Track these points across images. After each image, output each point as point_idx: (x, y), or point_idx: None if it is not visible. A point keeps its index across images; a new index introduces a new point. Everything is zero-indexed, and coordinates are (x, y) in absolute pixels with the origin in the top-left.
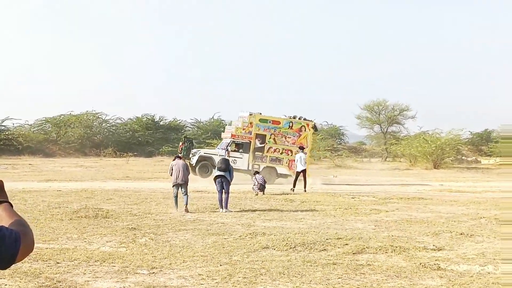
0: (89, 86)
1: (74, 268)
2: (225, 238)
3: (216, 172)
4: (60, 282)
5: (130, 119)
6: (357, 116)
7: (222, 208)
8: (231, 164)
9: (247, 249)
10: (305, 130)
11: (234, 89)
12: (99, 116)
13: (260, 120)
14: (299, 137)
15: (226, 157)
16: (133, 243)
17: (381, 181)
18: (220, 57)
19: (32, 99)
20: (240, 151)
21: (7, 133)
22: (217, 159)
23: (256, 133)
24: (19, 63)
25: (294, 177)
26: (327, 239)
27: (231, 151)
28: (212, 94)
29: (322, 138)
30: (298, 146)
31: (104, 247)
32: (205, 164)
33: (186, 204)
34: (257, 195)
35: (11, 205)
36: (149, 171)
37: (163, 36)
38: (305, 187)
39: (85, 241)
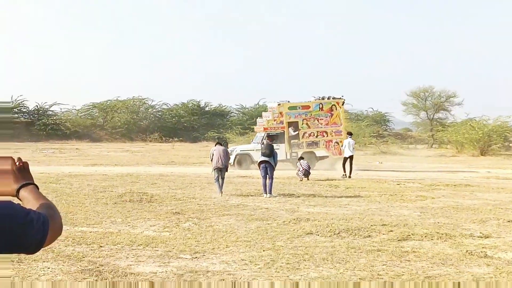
0: (135, 73)
1: (117, 252)
2: (268, 224)
3: (260, 158)
4: (102, 266)
5: (176, 104)
6: (403, 102)
7: (266, 193)
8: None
9: (291, 234)
10: (336, 109)
11: (275, 77)
12: (145, 102)
13: (290, 107)
14: (332, 116)
15: (270, 143)
16: (176, 228)
17: (427, 167)
18: (263, 47)
19: (80, 85)
20: (276, 142)
21: (55, 118)
22: (254, 154)
23: (288, 122)
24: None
25: (333, 158)
26: (371, 225)
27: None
28: (257, 82)
29: (368, 124)
30: (347, 132)
31: (147, 231)
32: (244, 158)
33: (221, 187)
34: (301, 180)
35: (37, 187)
36: (194, 156)
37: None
38: (350, 173)
39: (129, 225)
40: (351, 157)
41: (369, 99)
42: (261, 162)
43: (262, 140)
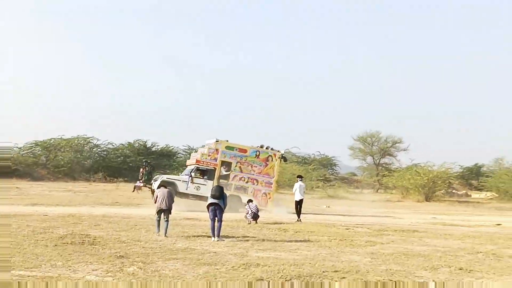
0: (83, 110)
1: None
2: (217, 269)
3: (209, 200)
4: None
5: (122, 144)
6: (350, 147)
7: (215, 236)
8: (195, 190)
9: (241, 280)
10: (272, 160)
11: (223, 117)
12: (90, 141)
13: (227, 147)
14: (266, 166)
15: (220, 185)
16: (120, 272)
17: (374, 212)
18: (211, 86)
19: (20, 122)
20: (204, 177)
21: None
22: (179, 184)
23: (222, 160)
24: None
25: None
26: (323, 271)
27: (195, 177)
28: (203, 122)
29: (314, 168)
30: (297, 175)
31: (89, 276)
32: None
33: (166, 230)
34: (249, 223)
35: None
36: (139, 197)
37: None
38: (299, 216)
39: (69, 269)
40: (301, 201)
41: (315, 142)
42: (210, 204)
43: (190, 173)
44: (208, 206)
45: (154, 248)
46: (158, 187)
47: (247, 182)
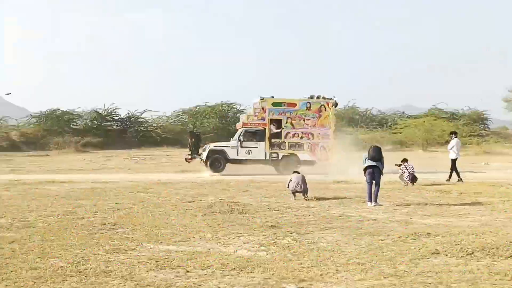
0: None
1: (207, 279)
2: (381, 240)
3: (367, 162)
4: None
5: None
6: (504, 98)
7: (371, 201)
8: (247, 154)
9: (413, 255)
10: (325, 110)
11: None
12: (234, 107)
13: (273, 104)
14: (320, 118)
15: (379, 145)
16: (274, 245)
17: None
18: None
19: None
20: (254, 140)
21: (146, 124)
22: (229, 151)
23: (271, 119)
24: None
25: (319, 163)
26: (511, 242)
27: (245, 140)
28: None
29: (465, 123)
30: (450, 131)
31: (241, 250)
32: (217, 158)
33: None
34: (406, 185)
35: None
36: None
37: None
38: (450, 177)
39: (219, 242)
40: (456, 159)
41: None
42: (368, 167)
43: (238, 137)
44: (365, 169)
45: (307, 215)
46: (208, 156)
47: (301, 138)
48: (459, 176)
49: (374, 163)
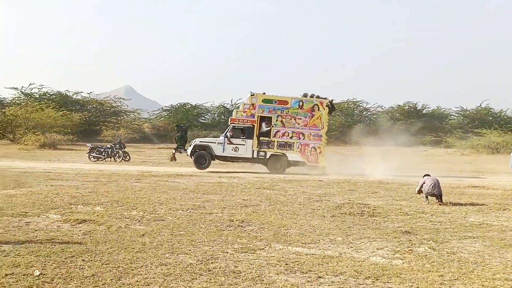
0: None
1: (340, 287)
2: None
3: None
4: None
5: (392, 107)
6: None
7: None
8: (233, 152)
9: None
10: (318, 110)
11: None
12: (360, 104)
13: (264, 100)
14: (312, 117)
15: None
16: (409, 253)
17: None
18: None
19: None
20: (242, 137)
21: None
22: (215, 147)
23: (260, 116)
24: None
25: (308, 164)
26: None
27: (232, 137)
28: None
29: None
30: None
31: (374, 257)
32: (202, 154)
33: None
34: None
35: None
36: (414, 162)
37: None
38: None
39: (351, 247)
40: None
41: None
42: None
43: (225, 133)
44: None
45: (442, 222)
46: (192, 152)
47: (291, 137)
48: None
49: None
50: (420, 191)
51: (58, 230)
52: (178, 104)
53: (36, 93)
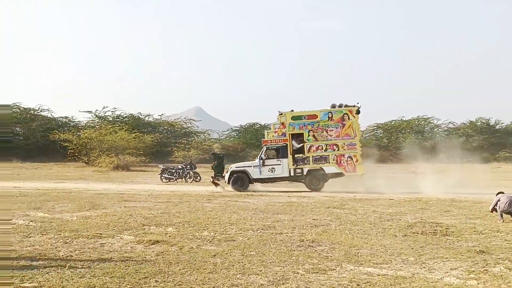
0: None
1: None
2: None
3: None
4: None
5: (463, 123)
6: None
7: None
8: (270, 173)
9: None
10: (348, 119)
11: None
12: (431, 121)
13: (293, 117)
14: (343, 127)
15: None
16: (485, 273)
17: None
18: None
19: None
20: (277, 157)
21: None
22: (251, 170)
23: (291, 133)
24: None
25: (346, 174)
26: None
27: (267, 158)
28: None
29: None
30: None
31: (448, 277)
32: (239, 177)
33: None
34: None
35: None
36: (485, 179)
37: None
38: None
39: (424, 267)
40: None
41: None
42: None
43: (260, 156)
44: None
45: None
46: (229, 178)
47: (325, 150)
48: None
49: None
50: (494, 209)
51: (132, 251)
52: (247, 124)
53: (110, 116)
